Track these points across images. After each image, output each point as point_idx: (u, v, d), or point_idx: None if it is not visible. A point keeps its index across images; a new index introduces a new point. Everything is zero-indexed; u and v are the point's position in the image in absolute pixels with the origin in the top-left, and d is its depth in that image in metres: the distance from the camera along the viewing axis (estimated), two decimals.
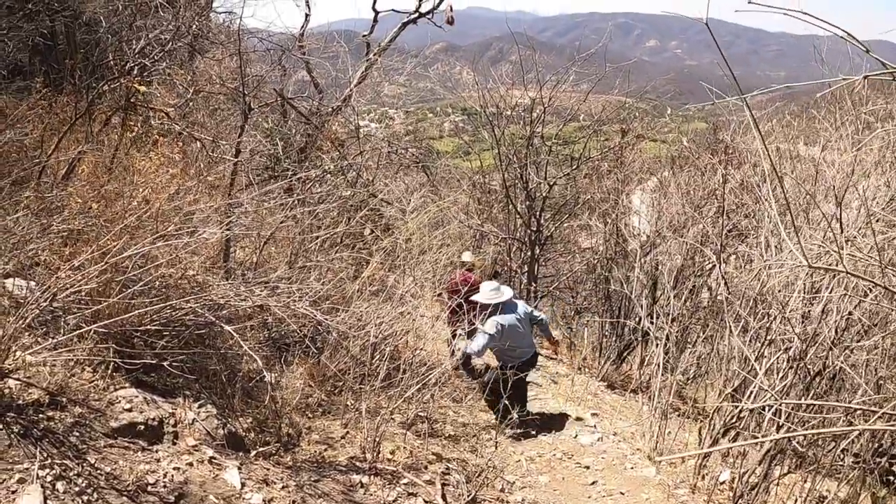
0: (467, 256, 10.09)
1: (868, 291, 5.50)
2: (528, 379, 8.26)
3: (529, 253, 13.01)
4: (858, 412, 5.45)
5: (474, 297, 7.91)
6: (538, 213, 12.85)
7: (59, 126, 7.75)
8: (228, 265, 6.43)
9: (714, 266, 9.52)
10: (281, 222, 7.14)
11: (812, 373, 5.83)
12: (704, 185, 11.24)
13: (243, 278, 5.96)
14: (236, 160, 7.08)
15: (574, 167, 13.23)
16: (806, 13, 2.37)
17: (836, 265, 4.35)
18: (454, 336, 9.02)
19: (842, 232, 4.58)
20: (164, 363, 4.38)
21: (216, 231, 5.22)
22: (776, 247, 6.91)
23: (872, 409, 4.75)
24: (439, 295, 9.73)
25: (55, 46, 10.67)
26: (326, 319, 5.12)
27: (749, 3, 2.37)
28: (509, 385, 7.15)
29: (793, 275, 6.18)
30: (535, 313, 8.20)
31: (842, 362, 5.69)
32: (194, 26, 10.25)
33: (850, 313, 5.63)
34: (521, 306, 7.96)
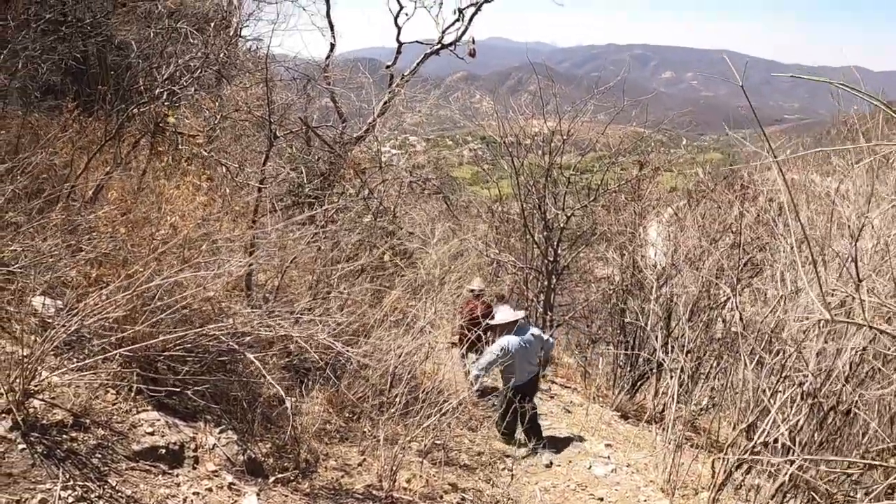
0: (476, 283, 10.09)
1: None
2: (540, 410, 8.46)
3: (546, 282, 12.97)
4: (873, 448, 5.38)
5: (493, 322, 8.27)
6: (555, 243, 12.82)
7: (88, 146, 7.85)
8: (251, 292, 6.44)
9: (729, 298, 9.45)
10: (302, 249, 7.16)
11: (826, 408, 5.77)
12: (721, 220, 11.17)
13: (265, 304, 5.97)
14: (261, 186, 7.12)
15: (591, 199, 13.20)
16: (843, 84, 2.37)
17: (854, 313, 4.31)
18: (464, 357, 9.20)
19: (858, 276, 4.51)
20: (187, 389, 4.39)
21: (241, 262, 5.23)
22: (792, 283, 6.85)
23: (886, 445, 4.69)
24: (460, 327, 9.73)
25: (87, 68, 10.81)
26: (347, 351, 5.10)
27: (772, 75, 2.40)
28: (523, 416, 7.42)
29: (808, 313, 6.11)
30: (545, 336, 8.52)
31: (855, 398, 5.63)
32: (223, 54, 10.35)
33: (864, 349, 5.57)
34: (533, 329, 8.22)
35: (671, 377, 8.20)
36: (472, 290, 9.85)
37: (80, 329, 4.21)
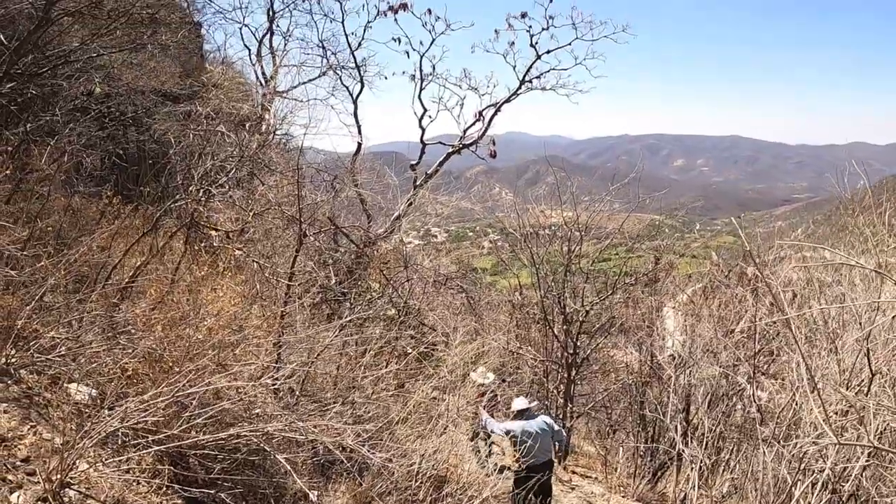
0: (480, 377, 10.11)
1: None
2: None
3: (566, 375, 12.87)
4: None
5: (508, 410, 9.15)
6: (575, 336, 12.76)
7: (125, 233, 8.05)
8: (278, 386, 6.47)
9: (748, 384, 9.35)
10: (329, 342, 7.22)
11: (844, 498, 5.67)
12: (735, 312, 11.13)
13: (292, 397, 6.00)
14: (290, 283, 7.25)
15: (610, 292, 13.19)
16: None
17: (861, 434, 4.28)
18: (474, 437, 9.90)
19: (871, 372, 4.48)
20: (217, 484, 4.39)
21: (271, 361, 5.30)
22: (808, 375, 6.79)
23: None
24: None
25: (127, 157, 11.13)
26: (372, 454, 5.10)
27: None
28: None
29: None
30: (556, 427, 8.92)
31: (872, 491, 5.54)
32: (256, 155, 10.66)
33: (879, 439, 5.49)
34: (542, 419, 8.77)
35: (691, 468, 8.07)
36: (480, 385, 9.92)
37: (118, 429, 4.26)
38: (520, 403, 8.91)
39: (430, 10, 15.52)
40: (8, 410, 4.29)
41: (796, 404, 6.79)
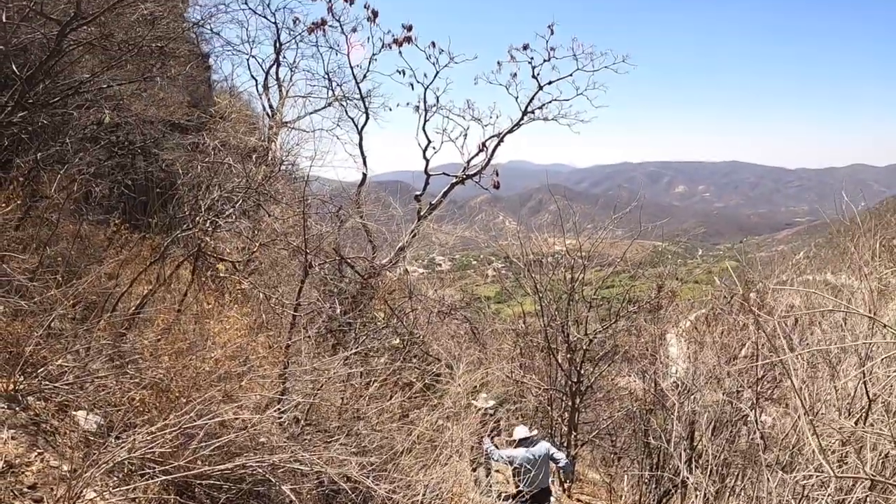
0: (482, 402, 10.21)
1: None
2: None
3: (570, 403, 12.80)
4: None
5: (509, 439, 9.45)
6: (579, 364, 12.71)
7: (132, 260, 8.09)
8: (283, 417, 6.47)
9: (751, 410, 9.31)
10: (334, 372, 7.22)
11: None
12: (738, 339, 11.11)
13: (297, 426, 5.99)
14: (295, 314, 7.26)
15: (613, 320, 13.16)
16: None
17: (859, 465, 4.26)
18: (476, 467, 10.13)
19: (868, 398, 4.47)
20: None
21: (276, 393, 5.30)
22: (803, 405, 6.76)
23: None
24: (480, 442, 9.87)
25: (135, 188, 11.20)
26: (377, 486, 5.09)
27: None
28: None
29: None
30: (556, 455, 9.11)
31: None
32: (262, 186, 10.71)
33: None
34: (542, 446, 9.06)
35: (696, 495, 8.02)
36: (483, 411, 10.00)
37: (126, 459, 4.26)
38: (521, 432, 9.12)
39: (433, 43, 15.71)
40: (15, 437, 4.29)
41: (799, 430, 6.76)
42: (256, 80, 18.65)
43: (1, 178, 7.82)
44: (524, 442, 8.99)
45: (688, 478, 9.04)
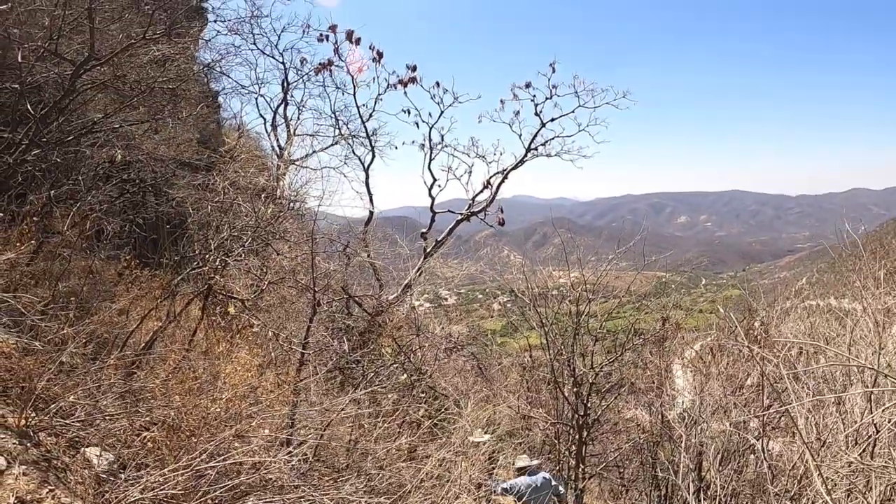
0: (477, 436, 10.22)
1: None
2: None
3: (577, 436, 12.67)
4: None
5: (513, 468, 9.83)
6: (585, 398, 12.60)
7: (142, 296, 8.10)
8: (292, 455, 6.42)
9: (758, 440, 9.21)
10: (342, 409, 7.17)
11: None
12: (744, 370, 11.03)
13: (307, 466, 5.94)
14: (304, 351, 7.25)
15: (619, 353, 13.05)
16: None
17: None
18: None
19: (876, 429, 4.41)
20: None
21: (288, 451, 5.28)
22: (817, 433, 6.69)
23: None
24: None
25: (146, 225, 11.24)
26: None
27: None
28: None
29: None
30: (555, 483, 9.65)
31: None
32: (271, 225, 10.75)
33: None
34: (542, 475, 9.53)
35: None
36: (476, 443, 10.05)
37: (138, 500, 4.22)
38: (523, 461, 9.67)
39: (438, 83, 15.87)
40: (27, 473, 4.26)
41: (806, 461, 6.67)
42: (265, 119, 18.87)
43: (14, 213, 7.87)
44: (525, 470, 9.41)
45: None
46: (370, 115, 16.60)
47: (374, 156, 16.50)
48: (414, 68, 15.88)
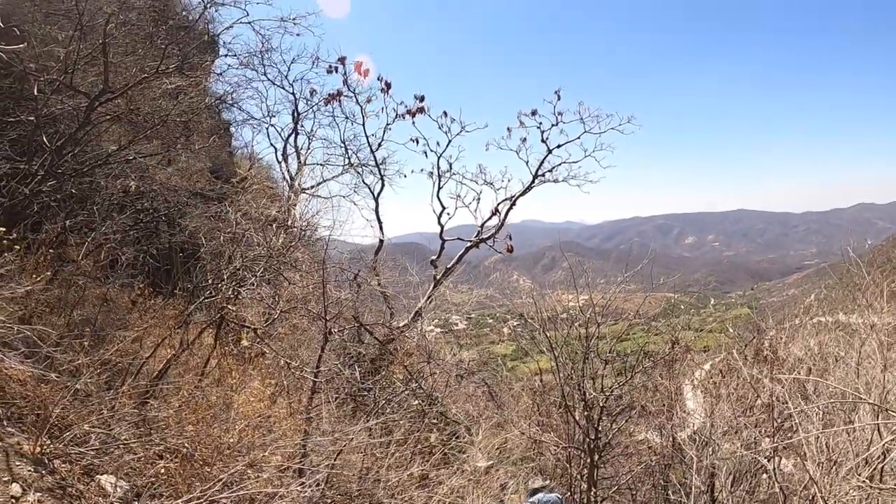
0: (482, 462, 10.35)
1: None
2: None
3: (589, 460, 12.54)
4: None
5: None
6: (596, 421, 12.48)
7: (155, 325, 8.12)
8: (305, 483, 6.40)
9: (769, 460, 9.11)
10: (354, 436, 7.15)
11: None
12: (753, 391, 10.93)
13: (319, 494, 5.91)
14: (315, 379, 7.24)
15: (629, 376, 12.95)
16: None
17: None
18: None
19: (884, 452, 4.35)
20: None
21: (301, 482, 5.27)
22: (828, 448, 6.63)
23: None
24: None
25: (159, 254, 11.30)
26: None
27: None
28: None
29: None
30: None
31: None
32: (283, 255, 10.79)
33: None
34: (551, 496, 9.33)
35: None
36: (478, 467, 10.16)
37: None
38: (536, 482, 9.61)
39: (445, 113, 15.99)
40: (42, 500, 4.27)
41: (816, 483, 6.60)
42: (276, 148, 19.07)
43: (30, 242, 7.94)
44: (538, 491, 9.43)
45: None
46: (379, 145, 16.74)
47: (383, 184, 16.61)
48: (422, 98, 16.02)
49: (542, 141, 16.19)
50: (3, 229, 6.76)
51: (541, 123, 16.12)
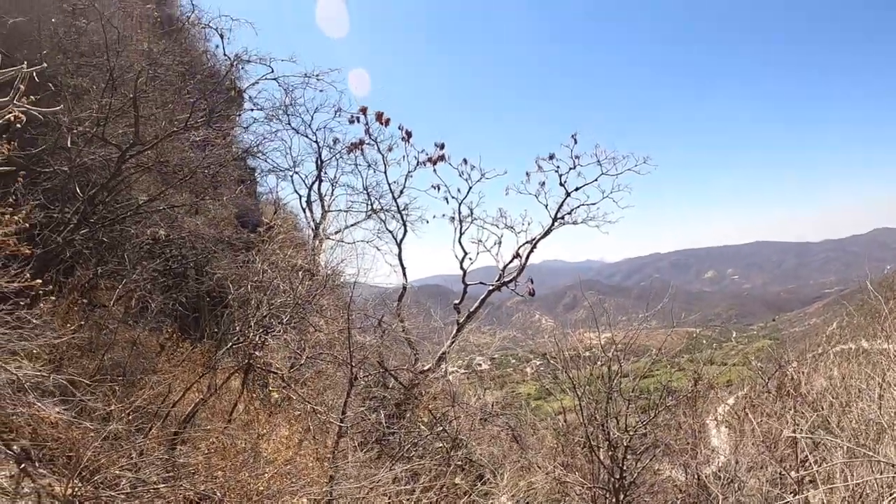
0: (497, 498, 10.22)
1: None
2: None
3: (614, 499, 12.32)
4: None
5: None
6: (621, 461, 12.29)
7: (184, 369, 8.18)
8: None
9: (794, 496, 8.91)
10: (380, 479, 7.12)
11: None
12: (777, 426, 10.75)
13: None
14: (341, 425, 7.24)
15: (653, 415, 12.78)
16: None
17: None
18: None
19: None
20: None
21: None
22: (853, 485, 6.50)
23: None
24: None
25: (187, 300, 11.41)
26: None
27: None
28: None
29: None
30: None
31: None
32: (308, 302, 10.87)
33: None
34: None
35: None
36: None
37: None
38: None
39: (465, 160, 16.20)
40: None
41: None
42: (300, 195, 19.38)
43: (62, 286, 8.08)
44: None
45: None
46: (401, 192, 16.96)
47: (405, 230, 16.78)
48: (442, 146, 16.25)
49: (561, 184, 16.34)
50: (40, 281, 6.88)
51: (558, 167, 16.30)
